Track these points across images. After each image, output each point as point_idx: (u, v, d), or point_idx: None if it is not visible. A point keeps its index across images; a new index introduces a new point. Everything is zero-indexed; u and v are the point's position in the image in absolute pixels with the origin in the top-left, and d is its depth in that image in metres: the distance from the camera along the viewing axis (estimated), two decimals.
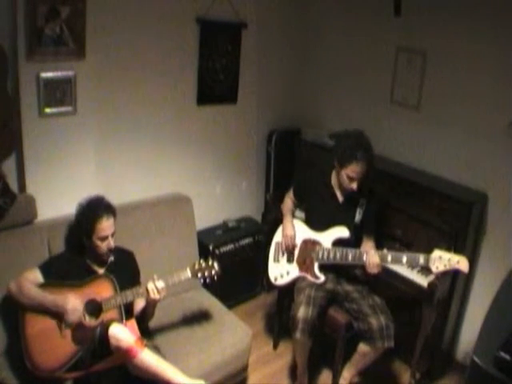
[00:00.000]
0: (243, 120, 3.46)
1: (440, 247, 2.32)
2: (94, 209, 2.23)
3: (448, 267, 2.19)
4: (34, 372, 2.03)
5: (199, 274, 2.30)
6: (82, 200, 2.28)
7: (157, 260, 2.65)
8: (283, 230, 2.76)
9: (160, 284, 2.17)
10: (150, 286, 2.16)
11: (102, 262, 2.30)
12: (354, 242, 2.54)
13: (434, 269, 2.22)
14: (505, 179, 2.62)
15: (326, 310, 2.59)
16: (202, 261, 2.34)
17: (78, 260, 2.29)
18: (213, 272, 2.32)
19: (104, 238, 2.21)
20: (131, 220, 2.68)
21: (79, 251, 2.31)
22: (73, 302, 2.08)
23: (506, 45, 2.51)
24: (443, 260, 2.20)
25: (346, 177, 2.46)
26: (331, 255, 2.52)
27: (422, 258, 2.27)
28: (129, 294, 2.17)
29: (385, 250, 2.44)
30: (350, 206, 2.57)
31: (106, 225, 2.21)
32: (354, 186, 2.46)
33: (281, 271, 2.72)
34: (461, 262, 2.18)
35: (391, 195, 2.78)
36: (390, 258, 2.35)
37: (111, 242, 2.24)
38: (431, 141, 2.93)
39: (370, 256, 2.38)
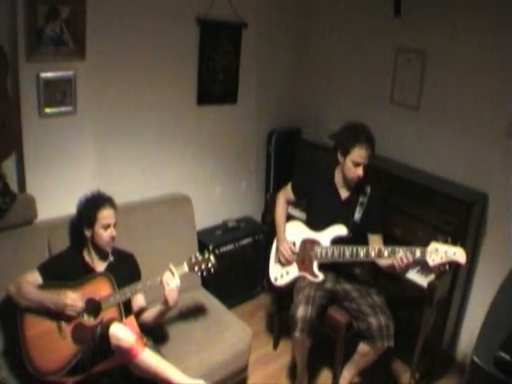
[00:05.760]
0: (243, 120, 3.46)
1: (437, 240, 2.29)
2: (96, 198, 2.29)
3: (444, 259, 2.18)
4: (35, 375, 2.02)
5: (196, 268, 2.30)
6: (82, 196, 2.32)
7: (156, 260, 2.64)
8: (278, 245, 2.72)
9: (175, 283, 2.17)
10: (169, 293, 2.15)
11: (103, 256, 2.31)
12: (353, 240, 2.53)
13: (430, 262, 2.20)
14: (505, 179, 2.62)
15: (326, 310, 2.59)
16: (198, 254, 2.34)
17: (78, 258, 2.29)
18: (209, 265, 2.32)
19: (107, 227, 2.24)
20: (131, 220, 2.68)
21: (80, 247, 2.32)
22: (71, 296, 2.09)
23: (506, 45, 2.52)
24: (440, 252, 2.19)
25: (352, 163, 2.45)
26: (329, 253, 2.52)
27: (418, 251, 2.25)
28: (127, 291, 2.18)
29: (382, 247, 2.42)
30: (350, 204, 2.57)
31: (108, 213, 2.26)
32: (361, 172, 2.45)
33: (281, 271, 2.71)
34: (457, 254, 2.17)
35: (391, 195, 2.77)
36: (386, 254, 2.34)
37: (114, 231, 2.28)
38: (431, 141, 2.93)
39: (402, 257, 2.27)
